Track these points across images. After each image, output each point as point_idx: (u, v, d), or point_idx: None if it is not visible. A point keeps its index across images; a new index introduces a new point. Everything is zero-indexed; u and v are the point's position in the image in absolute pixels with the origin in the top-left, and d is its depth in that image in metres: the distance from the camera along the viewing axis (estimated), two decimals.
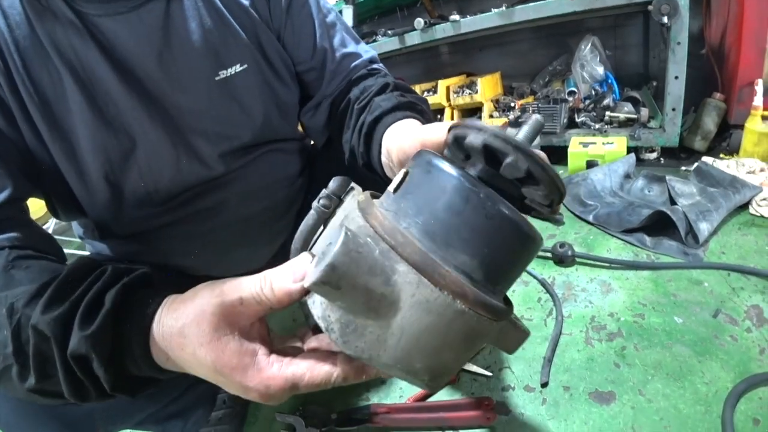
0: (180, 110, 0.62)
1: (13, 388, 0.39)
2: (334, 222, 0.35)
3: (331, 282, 0.26)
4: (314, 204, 0.36)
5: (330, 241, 0.27)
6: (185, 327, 0.33)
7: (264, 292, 0.33)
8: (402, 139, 0.48)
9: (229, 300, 0.33)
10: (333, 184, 0.36)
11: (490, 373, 0.86)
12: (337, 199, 0.36)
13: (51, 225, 1.90)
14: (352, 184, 0.37)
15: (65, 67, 0.53)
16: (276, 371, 0.33)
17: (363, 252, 0.27)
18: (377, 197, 0.35)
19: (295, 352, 0.36)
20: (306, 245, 0.37)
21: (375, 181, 0.46)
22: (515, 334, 0.35)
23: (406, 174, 0.32)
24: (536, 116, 0.34)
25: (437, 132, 0.42)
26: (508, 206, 0.29)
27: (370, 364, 0.30)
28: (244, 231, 0.76)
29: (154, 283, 0.40)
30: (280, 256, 0.85)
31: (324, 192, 0.36)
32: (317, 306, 0.30)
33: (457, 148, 0.36)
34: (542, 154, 0.32)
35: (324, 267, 0.26)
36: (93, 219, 0.66)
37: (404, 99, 0.60)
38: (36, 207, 0.58)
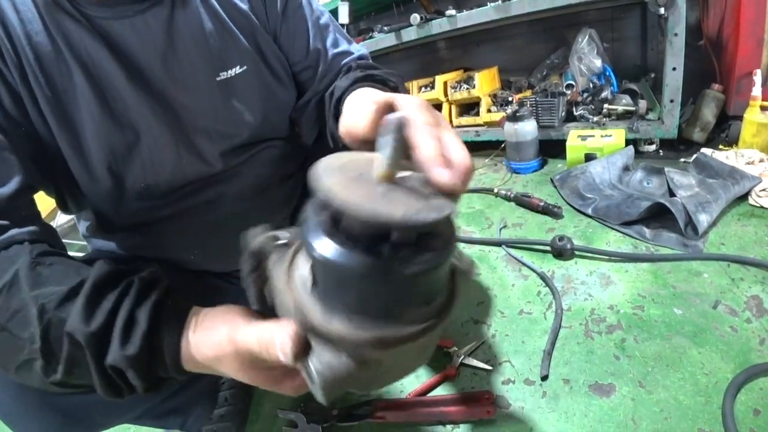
0: (183, 109, 0.64)
1: (31, 378, 0.43)
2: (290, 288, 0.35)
3: (330, 396, 0.32)
4: (244, 278, 0.39)
5: (307, 372, 0.32)
6: (216, 360, 0.40)
7: (267, 355, 0.36)
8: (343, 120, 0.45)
9: (243, 353, 0.38)
10: (246, 262, 0.38)
11: (490, 367, 0.86)
12: (259, 266, 0.38)
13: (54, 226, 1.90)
14: (264, 248, 0.38)
15: (76, 63, 0.55)
16: (300, 381, 0.37)
17: (336, 372, 0.31)
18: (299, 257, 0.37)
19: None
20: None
21: None
22: (463, 286, 0.36)
23: (312, 268, 0.33)
24: (393, 117, 0.28)
25: (359, 122, 0.38)
26: (411, 264, 0.28)
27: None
28: (242, 226, 0.76)
29: (177, 292, 0.45)
30: None
31: (246, 268, 0.38)
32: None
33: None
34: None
35: (322, 397, 0.32)
36: (95, 210, 0.67)
37: (361, 74, 0.62)
38: (41, 207, 0.59)
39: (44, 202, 0.64)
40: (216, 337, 0.39)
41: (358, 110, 0.37)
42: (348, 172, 0.29)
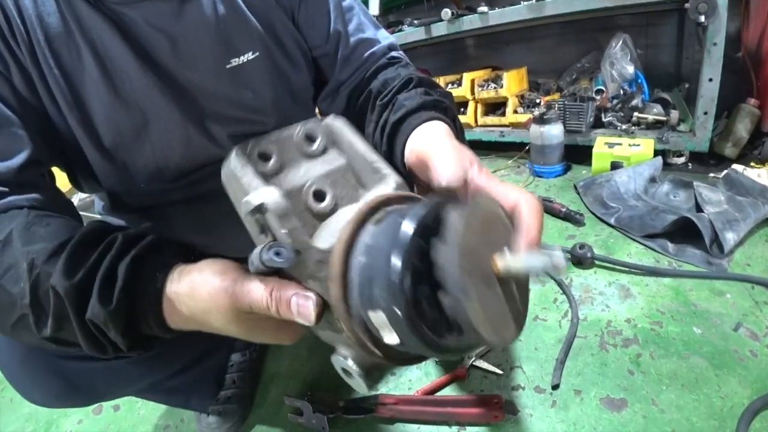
0: (193, 92, 0.63)
1: (28, 336, 0.43)
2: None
3: (373, 381, 0.34)
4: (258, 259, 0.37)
5: (342, 367, 0.35)
6: (205, 312, 0.38)
7: (272, 311, 0.35)
8: (425, 151, 0.48)
9: (241, 306, 0.36)
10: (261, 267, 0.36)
11: (501, 372, 0.86)
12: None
13: (74, 202, 1.95)
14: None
15: (86, 44, 0.55)
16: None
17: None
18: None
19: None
20: None
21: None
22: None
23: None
24: (558, 255, 0.30)
25: (447, 171, 0.42)
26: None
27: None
28: None
29: (162, 248, 0.43)
30: None
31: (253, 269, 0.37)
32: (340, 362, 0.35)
33: None
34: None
35: (366, 390, 0.34)
36: (108, 190, 0.68)
37: (429, 98, 0.58)
38: (62, 183, 0.60)
39: (64, 178, 0.66)
40: (206, 288, 0.38)
41: (455, 166, 0.42)
42: (476, 257, 0.29)
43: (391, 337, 0.29)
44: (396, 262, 0.28)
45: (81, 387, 0.62)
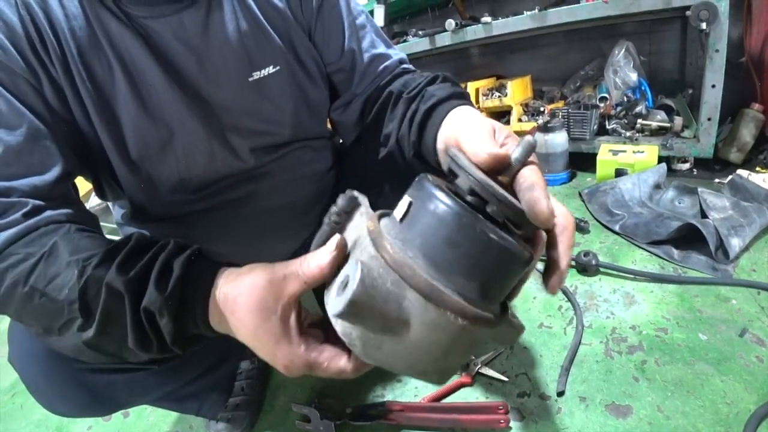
0: (216, 105, 0.66)
1: (67, 342, 0.45)
2: (348, 238, 0.39)
3: (351, 313, 0.31)
4: (326, 220, 0.40)
5: (347, 274, 0.33)
6: (239, 296, 0.39)
7: (302, 268, 0.38)
8: (465, 131, 0.46)
9: (277, 276, 0.38)
10: (342, 201, 0.39)
11: (506, 379, 0.87)
12: (345, 215, 0.40)
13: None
14: (359, 199, 0.39)
15: (116, 58, 0.58)
16: (302, 351, 0.39)
17: (377, 285, 0.32)
18: (386, 215, 0.38)
19: (318, 336, 0.42)
20: None
21: (412, 174, 0.44)
22: (511, 331, 0.38)
23: (410, 204, 0.35)
24: (528, 138, 0.37)
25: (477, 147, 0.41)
26: (498, 233, 0.32)
27: (387, 370, 0.36)
28: (272, 223, 0.79)
29: (206, 254, 0.46)
30: (304, 249, 0.87)
31: (334, 209, 0.39)
32: (339, 324, 0.34)
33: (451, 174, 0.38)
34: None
35: (345, 302, 0.31)
36: (130, 199, 0.70)
37: (458, 89, 0.60)
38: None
39: (80, 184, 0.67)
40: (246, 276, 0.40)
41: (487, 140, 0.42)
42: None
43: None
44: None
45: (103, 398, 0.63)
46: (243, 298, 0.38)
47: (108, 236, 0.52)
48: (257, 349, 0.40)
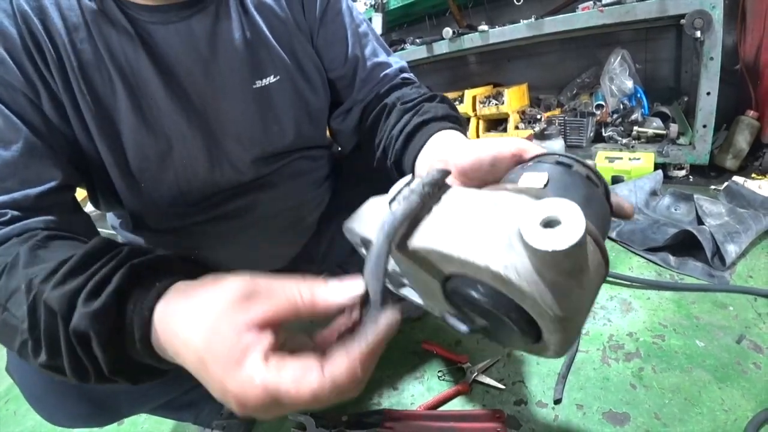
0: (218, 116, 0.65)
1: (30, 364, 0.39)
2: (463, 215, 0.33)
3: (571, 255, 0.26)
4: (415, 189, 0.33)
5: (549, 215, 0.27)
6: (193, 307, 0.31)
7: (302, 296, 0.30)
8: (456, 152, 0.48)
9: (255, 286, 0.31)
10: (437, 173, 0.35)
11: (503, 386, 0.86)
12: (438, 189, 0.35)
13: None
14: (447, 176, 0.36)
15: (116, 71, 0.57)
16: (255, 376, 0.28)
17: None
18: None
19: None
20: (393, 235, 0.32)
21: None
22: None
23: (548, 177, 0.36)
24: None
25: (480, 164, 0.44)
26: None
27: (562, 330, 0.30)
28: (271, 231, 0.79)
29: (172, 267, 0.38)
30: (303, 255, 0.88)
31: (429, 177, 0.34)
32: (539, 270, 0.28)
33: None
34: None
35: (571, 243, 0.25)
36: (129, 211, 0.69)
37: (455, 113, 0.61)
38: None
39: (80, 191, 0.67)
40: (210, 286, 0.32)
41: (483, 158, 0.44)
42: None
43: None
44: None
45: (105, 407, 0.62)
46: (198, 309, 0.31)
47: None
48: (204, 380, 0.31)
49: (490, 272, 0.29)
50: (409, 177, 0.37)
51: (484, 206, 0.32)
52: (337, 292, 0.31)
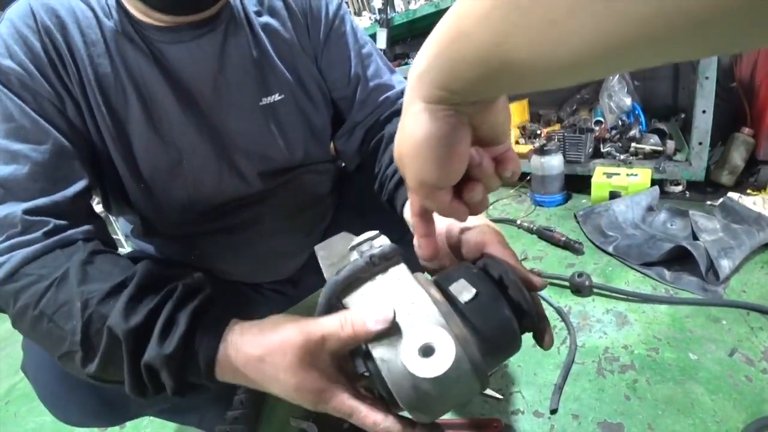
0: (227, 130, 0.69)
1: (73, 369, 0.46)
2: (381, 286, 0.40)
3: (439, 381, 0.34)
4: (361, 256, 0.40)
5: (427, 341, 0.35)
6: (267, 355, 0.40)
7: (344, 331, 0.38)
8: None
9: (314, 339, 0.39)
10: (389, 249, 0.40)
11: (500, 396, 0.88)
12: (385, 261, 0.40)
13: None
14: (400, 255, 0.41)
15: (131, 85, 0.61)
16: (344, 399, 0.40)
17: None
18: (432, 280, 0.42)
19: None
20: (342, 292, 0.40)
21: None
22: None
23: (476, 294, 0.40)
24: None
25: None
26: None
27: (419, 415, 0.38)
28: (276, 243, 0.82)
29: (216, 301, 0.46)
30: (307, 267, 0.90)
31: (377, 251, 0.40)
32: (415, 382, 0.36)
33: None
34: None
35: (440, 372, 0.33)
36: (141, 215, 0.73)
37: None
38: None
39: None
40: (273, 334, 0.40)
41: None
42: None
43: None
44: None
45: (116, 408, 0.65)
46: (275, 358, 0.39)
47: (121, 249, 0.53)
48: (299, 402, 0.41)
49: (372, 357, 0.36)
50: (375, 232, 0.43)
51: (403, 301, 0.38)
52: (366, 316, 0.37)
